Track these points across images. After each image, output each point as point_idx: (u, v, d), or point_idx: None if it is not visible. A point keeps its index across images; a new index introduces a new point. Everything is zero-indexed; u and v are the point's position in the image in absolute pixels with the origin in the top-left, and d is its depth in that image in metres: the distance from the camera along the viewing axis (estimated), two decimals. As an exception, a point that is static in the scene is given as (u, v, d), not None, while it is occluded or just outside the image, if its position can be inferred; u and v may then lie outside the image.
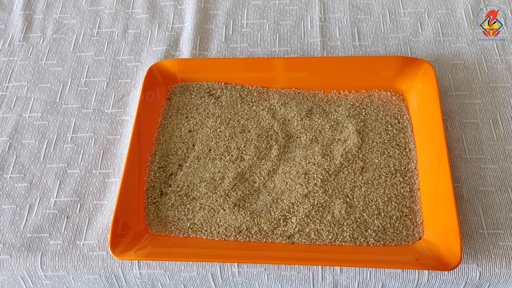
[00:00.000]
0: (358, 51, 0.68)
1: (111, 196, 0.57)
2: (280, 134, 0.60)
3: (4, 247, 0.54)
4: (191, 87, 0.65)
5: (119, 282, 0.54)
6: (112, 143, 0.62)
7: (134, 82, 0.67)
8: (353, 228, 0.52)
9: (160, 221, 0.55)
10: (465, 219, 0.53)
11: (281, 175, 0.57)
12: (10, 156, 0.61)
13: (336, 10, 0.73)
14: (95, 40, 0.72)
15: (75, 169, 0.60)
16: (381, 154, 0.57)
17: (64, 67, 0.69)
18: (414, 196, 0.54)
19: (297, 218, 0.53)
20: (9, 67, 0.70)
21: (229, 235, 0.53)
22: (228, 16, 0.74)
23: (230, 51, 0.70)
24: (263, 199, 0.55)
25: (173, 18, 0.74)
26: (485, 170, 0.56)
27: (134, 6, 0.76)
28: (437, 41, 0.68)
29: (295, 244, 0.52)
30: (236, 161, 0.58)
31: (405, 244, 0.51)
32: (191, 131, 0.61)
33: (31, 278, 0.54)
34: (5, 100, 0.66)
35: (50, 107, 0.65)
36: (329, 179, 0.56)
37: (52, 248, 0.54)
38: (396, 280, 0.51)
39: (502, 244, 0.51)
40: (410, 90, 0.62)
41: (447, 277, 0.51)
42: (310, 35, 0.71)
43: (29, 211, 0.57)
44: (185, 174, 0.58)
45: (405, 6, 0.73)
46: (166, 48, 0.70)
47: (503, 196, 0.54)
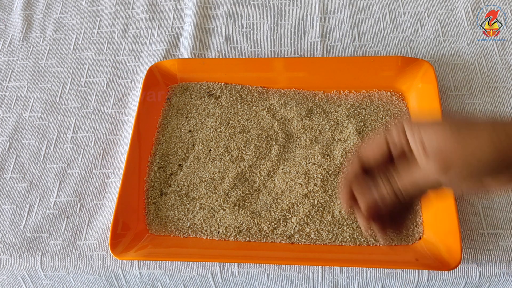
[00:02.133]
0: (358, 51, 0.68)
1: (111, 196, 0.57)
2: (280, 134, 0.60)
3: (4, 247, 0.54)
4: (191, 87, 0.65)
5: (119, 282, 0.54)
6: (112, 143, 0.62)
7: (134, 82, 0.67)
8: (353, 228, 0.52)
9: (160, 221, 0.55)
10: (465, 219, 0.53)
11: (281, 175, 0.57)
12: (10, 156, 0.61)
13: (336, 10, 0.73)
14: (95, 40, 0.72)
15: (75, 169, 0.60)
16: (381, 154, 0.57)
17: (64, 67, 0.69)
18: (414, 196, 0.54)
19: (297, 218, 0.53)
20: (9, 67, 0.70)
21: (229, 235, 0.53)
22: (228, 16, 0.74)
23: (230, 51, 0.70)
24: (263, 199, 0.55)
25: (173, 18, 0.74)
26: (485, 170, 0.56)
27: (134, 6, 0.76)
28: (437, 41, 0.68)
29: (295, 244, 0.52)
30: (236, 161, 0.58)
31: (405, 244, 0.51)
32: (191, 131, 0.61)
33: (31, 278, 0.54)
34: (5, 100, 0.66)
35: (50, 107, 0.65)
36: (329, 179, 0.56)
37: (52, 248, 0.54)
38: (396, 280, 0.51)
39: (502, 244, 0.51)
40: (410, 90, 0.62)
41: (447, 277, 0.51)
42: (310, 35, 0.71)
43: (29, 211, 0.57)
44: (185, 174, 0.58)
45: (405, 6, 0.73)
46: (166, 48, 0.70)
47: (503, 196, 0.54)
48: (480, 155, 0.31)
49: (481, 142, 0.31)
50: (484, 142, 0.31)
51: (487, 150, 0.31)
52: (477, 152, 0.31)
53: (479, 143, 0.31)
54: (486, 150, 0.31)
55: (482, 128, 0.32)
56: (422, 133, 0.33)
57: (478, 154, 0.31)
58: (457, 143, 0.32)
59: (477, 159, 0.31)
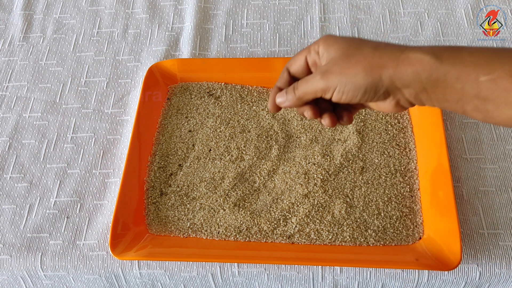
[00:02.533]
0: (358, 51, 0.68)
1: (111, 196, 0.57)
2: (280, 134, 0.60)
3: (4, 247, 0.54)
4: (191, 87, 0.65)
5: (119, 282, 0.54)
6: (112, 143, 0.62)
7: (134, 82, 0.67)
8: (353, 228, 0.52)
9: (160, 221, 0.55)
10: (465, 219, 0.53)
11: (281, 175, 0.57)
12: (10, 156, 0.61)
13: (336, 10, 0.73)
14: (95, 40, 0.72)
15: (75, 169, 0.60)
16: (381, 154, 0.57)
17: (64, 67, 0.69)
18: (414, 196, 0.54)
19: (297, 218, 0.53)
20: (9, 67, 0.70)
21: (229, 235, 0.53)
22: (228, 16, 0.74)
23: (230, 51, 0.70)
24: (263, 199, 0.55)
25: (173, 18, 0.74)
26: (485, 170, 0.56)
27: (134, 6, 0.76)
28: (437, 41, 0.68)
29: (295, 244, 0.52)
30: (236, 161, 0.58)
31: (405, 244, 0.51)
32: (191, 131, 0.61)
33: (31, 278, 0.54)
34: (5, 100, 0.66)
35: (50, 107, 0.65)
36: (329, 179, 0.56)
37: (52, 248, 0.54)
38: (396, 280, 0.51)
39: (502, 244, 0.51)
40: (410, 90, 0.62)
41: (447, 277, 0.51)
42: (310, 35, 0.71)
43: (29, 211, 0.57)
44: (185, 174, 0.58)
45: (405, 6, 0.73)
46: (166, 48, 0.70)
47: (503, 196, 0.54)
48: (354, 80, 0.37)
49: (357, 70, 0.37)
50: (359, 71, 0.37)
51: (359, 79, 0.37)
52: (353, 78, 0.38)
53: (356, 71, 0.37)
54: (359, 79, 0.37)
55: (365, 56, 0.38)
56: (322, 49, 0.40)
57: (353, 79, 0.38)
58: (340, 67, 0.38)
59: (352, 82, 0.38)
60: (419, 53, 0.36)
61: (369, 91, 0.38)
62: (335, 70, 0.39)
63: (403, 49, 0.37)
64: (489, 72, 0.34)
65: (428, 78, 0.36)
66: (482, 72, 0.34)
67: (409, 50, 0.37)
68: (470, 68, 0.34)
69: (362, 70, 0.37)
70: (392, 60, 0.37)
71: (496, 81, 0.33)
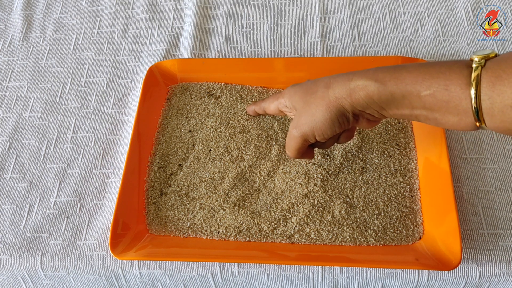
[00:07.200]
0: (358, 51, 0.68)
1: (111, 196, 0.57)
2: (280, 134, 0.60)
3: (4, 247, 0.54)
4: (191, 87, 0.65)
5: (119, 282, 0.54)
6: (112, 143, 0.62)
7: (134, 82, 0.67)
8: (353, 228, 0.52)
9: (160, 221, 0.55)
10: (465, 219, 0.53)
11: (281, 175, 0.57)
12: (10, 156, 0.61)
13: (336, 10, 0.73)
14: (95, 40, 0.72)
15: (75, 169, 0.60)
16: (381, 154, 0.57)
17: (64, 67, 0.69)
18: (414, 196, 0.54)
19: (297, 218, 0.53)
20: (9, 67, 0.70)
21: (229, 235, 0.53)
22: (228, 16, 0.74)
23: (230, 51, 0.70)
24: (263, 199, 0.55)
25: (173, 18, 0.74)
26: (485, 170, 0.56)
27: (134, 6, 0.76)
28: (437, 41, 0.68)
29: (295, 244, 0.52)
30: (236, 161, 0.58)
31: (405, 244, 0.51)
32: (191, 131, 0.61)
33: (31, 278, 0.54)
34: (5, 100, 0.67)
35: (50, 107, 0.65)
36: (329, 179, 0.56)
37: (52, 248, 0.54)
38: (396, 280, 0.51)
39: (502, 244, 0.51)
40: (410, 90, 0.62)
41: (447, 277, 0.51)
42: (310, 35, 0.71)
43: (29, 211, 0.57)
44: (185, 174, 0.58)
45: (405, 6, 0.73)
46: (166, 48, 0.70)
47: (503, 196, 0.54)
48: (323, 119, 0.44)
49: (321, 111, 0.44)
50: (323, 111, 0.44)
51: (327, 116, 0.43)
52: (321, 118, 0.44)
53: (320, 112, 0.44)
54: (326, 116, 0.43)
55: (321, 97, 0.44)
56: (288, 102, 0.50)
57: (321, 119, 0.44)
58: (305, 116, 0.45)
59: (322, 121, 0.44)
60: (364, 80, 0.41)
61: (340, 120, 0.44)
62: (303, 121, 0.45)
63: (350, 78, 0.42)
64: (428, 88, 0.38)
65: (380, 99, 0.41)
66: (422, 89, 0.38)
67: (356, 77, 0.42)
68: (411, 86, 0.39)
69: (325, 110, 0.43)
70: (344, 91, 0.42)
71: (435, 95, 0.38)
